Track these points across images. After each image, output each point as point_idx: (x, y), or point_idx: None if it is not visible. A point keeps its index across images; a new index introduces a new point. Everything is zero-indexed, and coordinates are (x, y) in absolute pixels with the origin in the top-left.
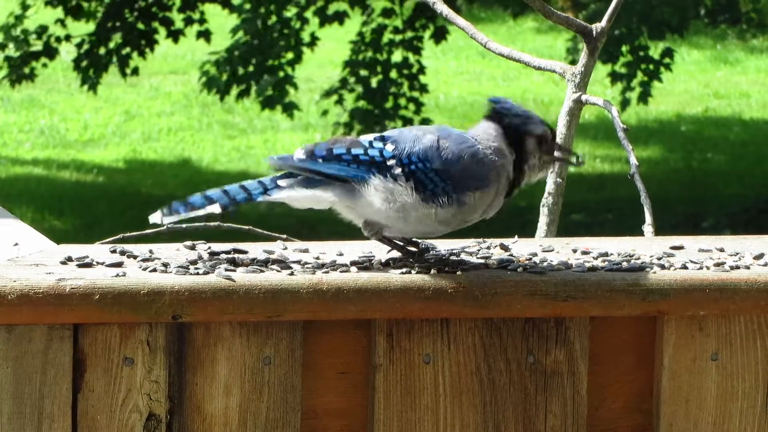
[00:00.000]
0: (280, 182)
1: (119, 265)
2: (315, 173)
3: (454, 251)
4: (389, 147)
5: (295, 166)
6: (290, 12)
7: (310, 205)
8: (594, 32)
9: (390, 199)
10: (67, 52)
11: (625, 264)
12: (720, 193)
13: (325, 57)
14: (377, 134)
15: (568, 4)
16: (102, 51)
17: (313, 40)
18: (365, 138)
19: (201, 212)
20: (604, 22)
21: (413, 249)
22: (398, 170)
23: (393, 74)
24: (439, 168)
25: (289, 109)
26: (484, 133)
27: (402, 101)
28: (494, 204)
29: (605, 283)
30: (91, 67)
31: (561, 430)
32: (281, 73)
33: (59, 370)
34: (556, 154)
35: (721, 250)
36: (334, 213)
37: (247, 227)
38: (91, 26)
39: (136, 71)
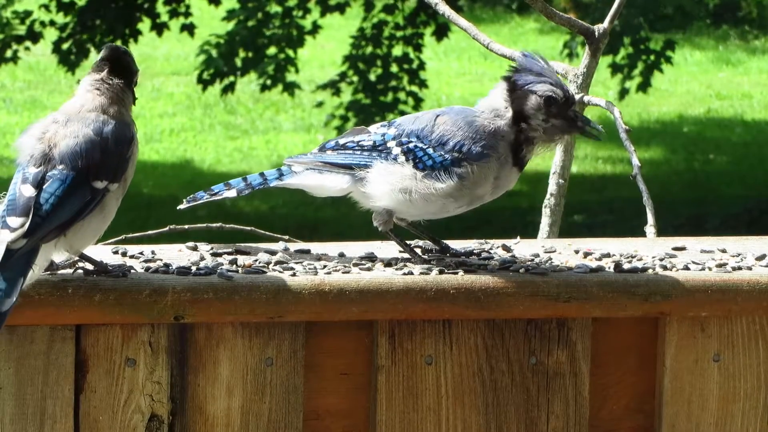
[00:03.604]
0: (295, 169)
1: (121, 266)
2: (324, 164)
3: (456, 252)
4: (391, 131)
5: (306, 160)
6: (292, 1)
7: (326, 193)
8: (596, 33)
9: (392, 180)
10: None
11: (627, 265)
12: (722, 194)
13: (326, 58)
14: (385, 122)
15: (570, 5)
16: (85, 37)
17: (315, 28)
18: (373, 126)
19: (219, 197)
20: (606, 23)
21: (417, 249)
22: (397, 150)
23: (393, 68)
24: (434, 143)
25: (290, 88)
26: (489, 97)
27: (401, 95)
28: (503, 176)
29: (607, 284)
30: (71, 51)
31: (563, 430)
32: (282, 55)
33: (61, 371)
34: (571, 120)
35: (723, 251)
36: (337, 213)
37: (249, 228)
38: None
39: None
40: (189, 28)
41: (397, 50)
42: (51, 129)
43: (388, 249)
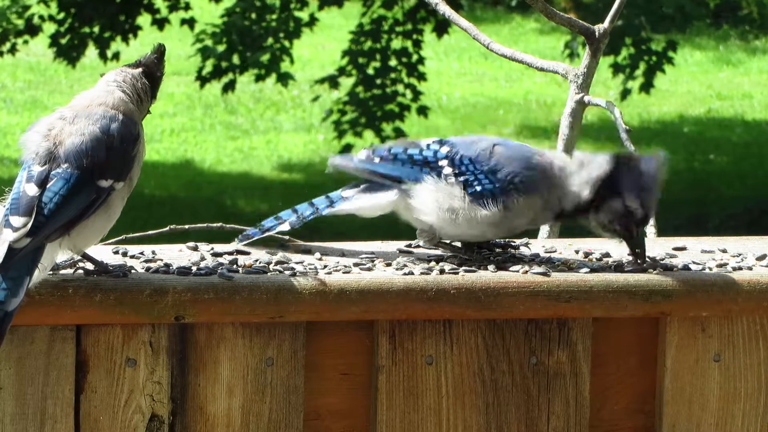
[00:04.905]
0: (344, 193)
1: (121, 266)
2: (372, 174)
3: (497, 243)
4: (444, 149)
5: (353, 165)
6: None
7: (377, 212)
8: (596, 33)
9: (440, 199)
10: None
11: (627, 265)
12: (722, 194)
13: (327, 58)
14: (437, 138)
15: (570, 5)
16: (84, 30)
17: (312, 20)
18: (425, 140)
19: (272, 232)
20: (606, 24)
21: (465, 245)
22: (449, 170)
23: (392, 62)
24: (487, 170)
25: (284, 79)
26: (588, 159)
27: (400, 87)
28: (541, 215)
29: (608, 284)
30: (69, 45)
31: (563, 431)
32: (277, 45)
33: (62, 371)
34: (629, 236)
35: (724, 251)
36: (336, 214)
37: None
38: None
39: (117, 56)
40: (189, 23)
41: (396, 44)
42: (57, 126)
43: (389, 249)
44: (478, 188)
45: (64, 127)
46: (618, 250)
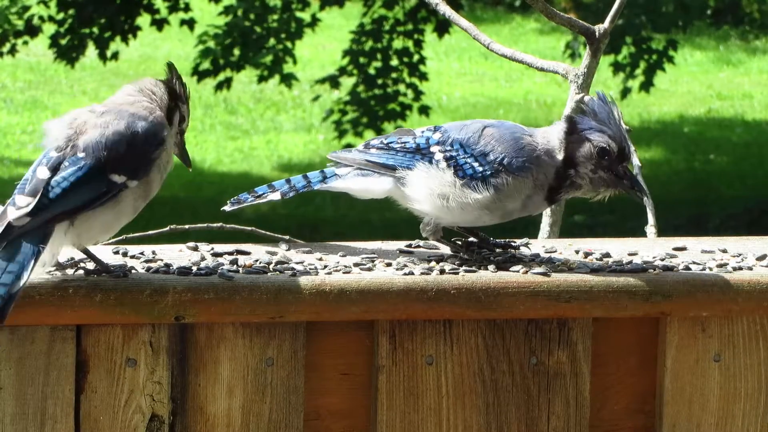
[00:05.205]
0: (339, 171)
1: (122, 266)
2: (368, 163)
3: (498, 243)
4: (436, 135)
5: (350, 157)
6: None
7: (369, 196)
8: (596, 33)
9: (432, 185)
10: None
11: (627, 265)
12: (723, 194)
13: (327, 58)
14: (432, 126)
15: (570, 5)
16: (84, 31)
17: (314, 21)
18: (420, 129)
19: (263, 200)
20: (606, 24)
21: (465, 245)
22: (440, 156)
23: (393, 61)
24: (477, 153)
25: (287, 80)
26: (549, 128)
27: (401, 87)
28: (533, 201)
29: (608, 285)
30: (69, 45)
31: (564, 431)
32: (280, 46)
33: (62, 371)
34: (619, 177)
35: (724, 251)
36: (336, 213)
37: (249, 228)
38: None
39: (116, 56)
40: (189, 23)
41: (397, 44)
42: (82, 117)
43: (389, 249)
44: (469, 172)
45: (90, 119)
46: (618, 249)
